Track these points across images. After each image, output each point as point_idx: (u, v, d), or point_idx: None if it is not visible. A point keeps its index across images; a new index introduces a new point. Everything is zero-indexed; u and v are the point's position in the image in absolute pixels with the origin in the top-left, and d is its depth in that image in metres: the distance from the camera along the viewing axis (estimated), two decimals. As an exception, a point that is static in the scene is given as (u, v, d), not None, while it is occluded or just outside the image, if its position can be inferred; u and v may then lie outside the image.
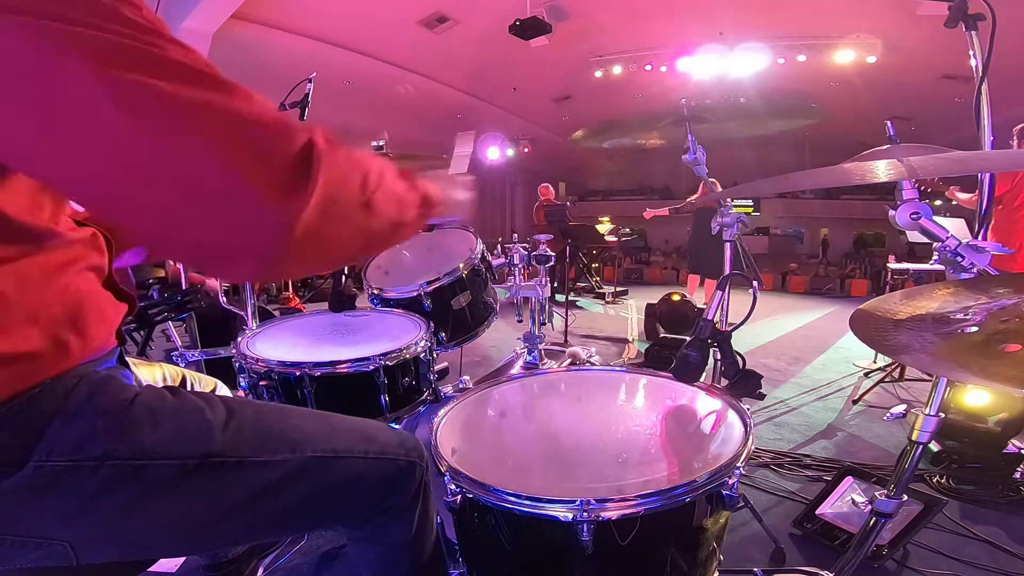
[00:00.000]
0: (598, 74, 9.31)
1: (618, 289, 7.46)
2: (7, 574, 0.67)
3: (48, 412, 0.59)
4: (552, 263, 1.86)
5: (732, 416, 0.94)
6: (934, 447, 2.18)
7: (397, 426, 1.32)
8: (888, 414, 2.81)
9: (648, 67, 8.84)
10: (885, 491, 1.04)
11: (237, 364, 1.36)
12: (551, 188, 7.35)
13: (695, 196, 6.26)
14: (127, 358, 0.76)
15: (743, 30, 7.63)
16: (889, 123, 1.23)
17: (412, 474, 0.87)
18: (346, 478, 0.79)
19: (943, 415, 0.98)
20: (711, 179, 2.11)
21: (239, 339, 1.44)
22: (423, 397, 1.47)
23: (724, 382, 1.04)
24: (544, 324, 1.90)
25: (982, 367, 0.59)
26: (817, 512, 1.79)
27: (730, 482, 0.78)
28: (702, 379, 1.06)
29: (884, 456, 2.38)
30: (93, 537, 0.63)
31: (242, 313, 2.10)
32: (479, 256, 1.76)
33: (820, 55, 8.10)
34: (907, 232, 1.07)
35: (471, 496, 0.80)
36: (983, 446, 2.13)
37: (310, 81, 2.47)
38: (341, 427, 0.82)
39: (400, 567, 0.93)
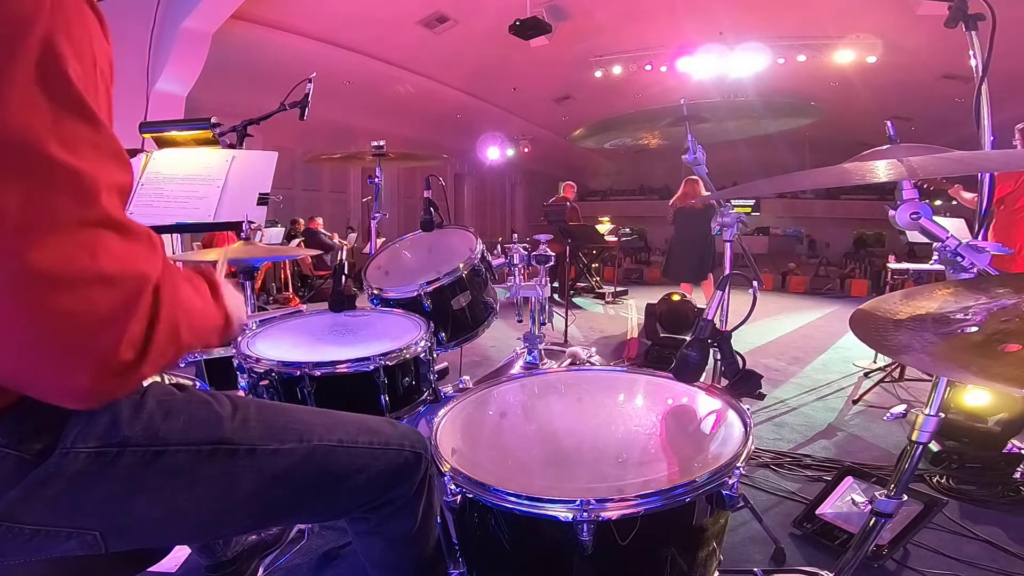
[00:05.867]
0: (598, 74, 9.32)
1: (618, 289, 7.45)
2: (16, 567, 0.68)
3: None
4: (552, 263, 1.86)
5: (732, 416, 0.94)
6: (934, 447, 2.17)
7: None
8: (888, 414, 2.81)
9: (648, 67, 8.85)
10: (885, 491, 1.03)
11: (237, 364, 1.36)
12: (574, 187, 7.36)
13: (675, 197, 6.05)
14: None
15: (743, 30, 7.63)
16: (889, 123, 1.23)
17: (417, 466, 0.88)
18: (352, 467, 0.81)
19: (943, 415, 0.97)
20: (692, 177, 2.10)
21: (239, 339, 1.44)
22: (423, 397, 1.47)
23: (724, 382, 1.04)
24: (544, 324, 1.90)
25: (982, 367, 0.59)
26: (817, 512, 1.79)
27: (730, 482, 0.78)
28: (702, 379, 1.05)
29: (884, 456, 2.38)
30: (120, 525, 0.65)
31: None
32: (479, 256, 1.76)
33: (820, 55, 8.11)
34: (907, 232, 1.07)
35: (471, 496, 0.80)
36: (983, 446, 2.12)
37: (310, 81, 2.47)
38: (343, 420, 0.85)
39: (403, 562, 0.94)
